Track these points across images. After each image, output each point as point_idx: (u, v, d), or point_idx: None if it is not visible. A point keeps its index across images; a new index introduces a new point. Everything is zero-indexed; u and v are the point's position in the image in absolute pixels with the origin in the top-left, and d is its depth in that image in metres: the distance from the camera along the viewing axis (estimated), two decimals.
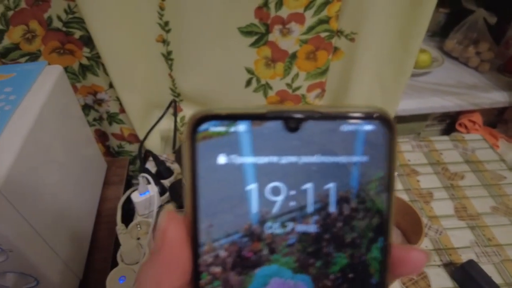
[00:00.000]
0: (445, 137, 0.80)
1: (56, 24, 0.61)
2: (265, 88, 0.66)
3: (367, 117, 0.15)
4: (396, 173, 0.20)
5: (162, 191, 0.60)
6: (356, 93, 0.70)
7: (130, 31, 0.61)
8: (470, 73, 0.94)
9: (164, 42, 0.65)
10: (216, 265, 0.15)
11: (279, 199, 0.15)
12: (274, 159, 0.15)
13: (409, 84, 0.91)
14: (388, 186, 0.15)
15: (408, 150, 0.77)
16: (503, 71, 0.94)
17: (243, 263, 0.15)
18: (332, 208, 0.15)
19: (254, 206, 0.15)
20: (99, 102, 0.72)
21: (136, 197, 0.56)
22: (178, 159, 0.52)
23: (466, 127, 0.92)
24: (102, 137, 0.81)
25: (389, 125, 0.15)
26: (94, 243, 0.61)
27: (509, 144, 0.91)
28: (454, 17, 1.04)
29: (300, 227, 0.15)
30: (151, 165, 0.69)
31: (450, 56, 1.00)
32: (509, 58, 0.94)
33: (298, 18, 0.56)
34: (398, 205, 0.54)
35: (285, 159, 0.15)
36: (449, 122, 0.98)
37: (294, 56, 0.61)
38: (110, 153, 0.84)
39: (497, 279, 0.53)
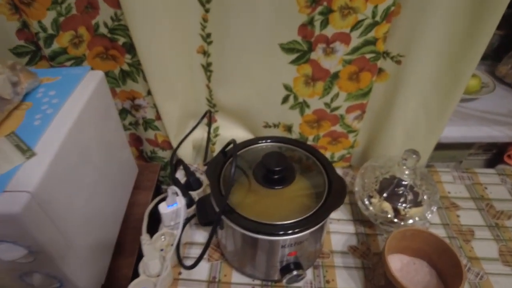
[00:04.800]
0: (492, 170, 0.75)
1: (102, 30, 0.62)
2: (302, 106, 0.64)
3: None
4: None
5: (189, 203, 0.60)
6: (399, 117, 0.67)
7: (172, 40, 0.61)
8: None
9: (205, 53, 0.65)
10: None
11: None
12: None
13: (455, 110, 0.85)
14: None
15: (449, 181, 0.72)
16: None
17: None
18: None
19: None
20: (137, 107, 0.73)
21: (163, 208, 0.55)
22: (209, 172, 0.51)
23: None
24: (136, 141, 0.82)
25: None
26: (119, 248, 0.62)
27: None
28: (509, 40, 0.98)
29: None
30: (181, 174, 0.69)
31: (503, 82, 0.93)
32: None
33: (344, 37, 0.54)
34: (433, 242, 0.50)
35: None
36: (496, 153, 0.92)
37: (336, 75, 0.58)
38: (143, 158, 0.85)
39: None
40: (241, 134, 0.76)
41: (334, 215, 0.65)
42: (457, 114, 0.84)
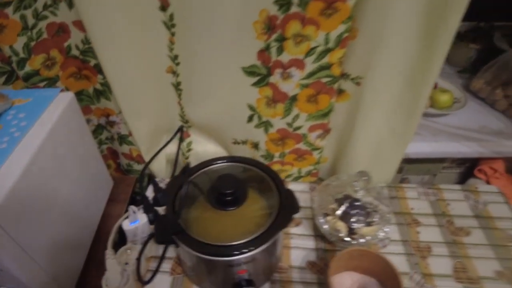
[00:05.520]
0: (457, 186, 0.76)
1: (74, 52, 0.65)
2: (266, 125, 0.67)
3: None
4: None
5: (155, 219, 0.62)
6: (363, 135, 0.69)
7: (139, 62, 0.64)
8: (497, 117, 0.89)
9: (174, 73, 0.68)
10: None
11: None
12: None
13: (426, 126, 0.87)
14: None
15: (414, 197, 0.74)
16: None
17: None
18: None
19: None
20: (111, 123, 0.76)
21: (126, 225, 0.58)
22: (165, 193, 0.54)
23: (486, 174, 0.87)
24: (113, 155, 0.85)
25: None
26: (90, 260, 0.64)
27: None
28: (485, 55, 0.99)
29: None
30: (152, 189, 0.72)
31: (477, 96, 0.95)
32: None
33: (298, 63, 0.56)
34: (378, 260, 0.52)
35: None
36: (469, 166, 0.93)
37: (294, 98, 0.61)
38: (120, 170, 0.88)
39: None
40: (213, 149, 0.79)
41: (295, 230, 0.67)
42: (428, 129, 0.86)
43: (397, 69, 0.59)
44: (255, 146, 0.72)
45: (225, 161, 0.59)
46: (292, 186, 0.76)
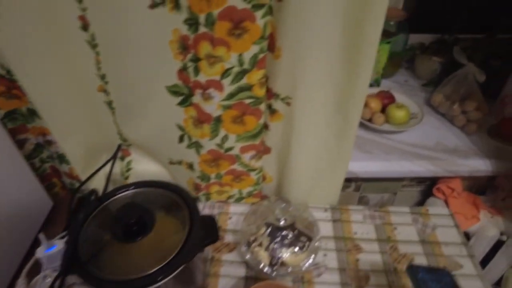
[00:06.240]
0: (405, 209, 0.73)
1: (1, 71, 0.63)
2: (196, 146, 0.64)
3: None
4: None
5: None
6: (301, 156, 0.66)
7: (68, 81, 0.62)
8: (455, 134, 0.85)
9: (105, 92, 0.66)
10: None
11: None
12: None
13: (380, 143, 0.84)
14: None
15: (358, 221, 0.70)
16: (494, 135, 0.84)
17: None
18: None
19: None
20: (49, 142, 0.74)
21: (40, 252, 0.56)
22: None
23: (444, 193, 0.83)
24: (57, 173, 0.83)
25: None
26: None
27: (491, 219, 0.81)
28: (449, 68, 0.96)
29: None
30: None
31: (437, 111, 0.91)
32: (502, 120, 0.84)
33: (216, 84, 0.53)
34: None
35: None
36: (430, 184, 0.89)
37: (219, 119, 0.58)
38: (66, 189, 0.86)
39: None
40: (153, 168, 0.76)
41: (228, 256, 0.64)
42: (381, 147, 0.83)
43: (324, 89, 0.56)
44: (190, 166, 0.69)
45: (132, 187, 0.56)
46: (233, 208, 0.73)
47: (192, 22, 0.48)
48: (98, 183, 0.77)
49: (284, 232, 0.54)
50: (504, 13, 0.94)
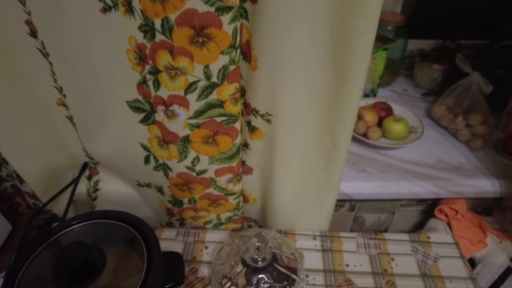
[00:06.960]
0: (404, 236, 0.64)
1: None
2: (164, 168, 0.56)
3: None
4: None
5: None
6: (284, 177, 0.59)
7: (19, 95, 0.55)
8: (458, 150, 0.77)
9: (65, 105, 0.58)
10: None
11: None
12: None
13: (375, 160, 0.76)
14: None
15: (351, 250, 0.62)
16: (502, 150, 0.76)
17: None
18: None
19: None
20: (5, 161, 0.66)
21: None
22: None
23: (446, 215, 0.75)
24: (19, 192, 0.75)
25: None
26: None
27: (500, 244, 0.72)
28: (451, 76, 0.88)
29: None
30: None
31: (439, 124, 0.83)
32: (511, 134, 0.76)
33: (180, 100, 0.46)
34: None
35: None
36: (431, 203, 0.81)
37: (187, 139, 0.50)
38: (32, 209, 0.78)
39: None
40: (123, 189, 0.68)
41: None
42: (377, 165, 0.75)
43: (307, 105, 0.49)
44: (160, 190, 0.61)
45: (84, 219, 0.48)
46: (210, 235, 0.65)
47: (147, 29, 0.41)
48: (63, 205, 0.69)
49: (260, 275, 0.46)
50: (509, 19, 0.86)
